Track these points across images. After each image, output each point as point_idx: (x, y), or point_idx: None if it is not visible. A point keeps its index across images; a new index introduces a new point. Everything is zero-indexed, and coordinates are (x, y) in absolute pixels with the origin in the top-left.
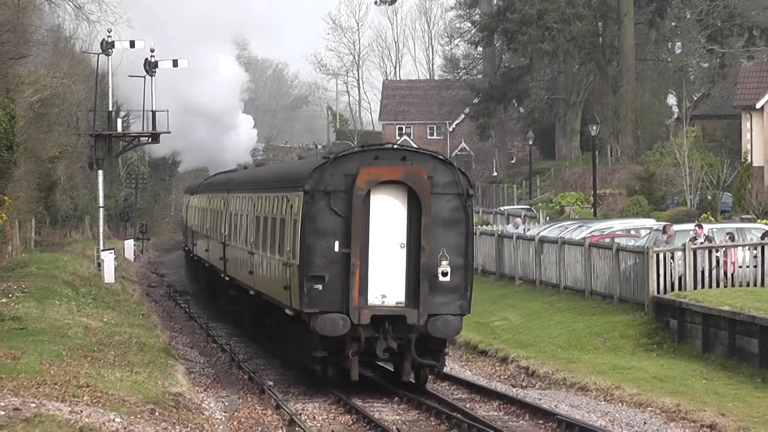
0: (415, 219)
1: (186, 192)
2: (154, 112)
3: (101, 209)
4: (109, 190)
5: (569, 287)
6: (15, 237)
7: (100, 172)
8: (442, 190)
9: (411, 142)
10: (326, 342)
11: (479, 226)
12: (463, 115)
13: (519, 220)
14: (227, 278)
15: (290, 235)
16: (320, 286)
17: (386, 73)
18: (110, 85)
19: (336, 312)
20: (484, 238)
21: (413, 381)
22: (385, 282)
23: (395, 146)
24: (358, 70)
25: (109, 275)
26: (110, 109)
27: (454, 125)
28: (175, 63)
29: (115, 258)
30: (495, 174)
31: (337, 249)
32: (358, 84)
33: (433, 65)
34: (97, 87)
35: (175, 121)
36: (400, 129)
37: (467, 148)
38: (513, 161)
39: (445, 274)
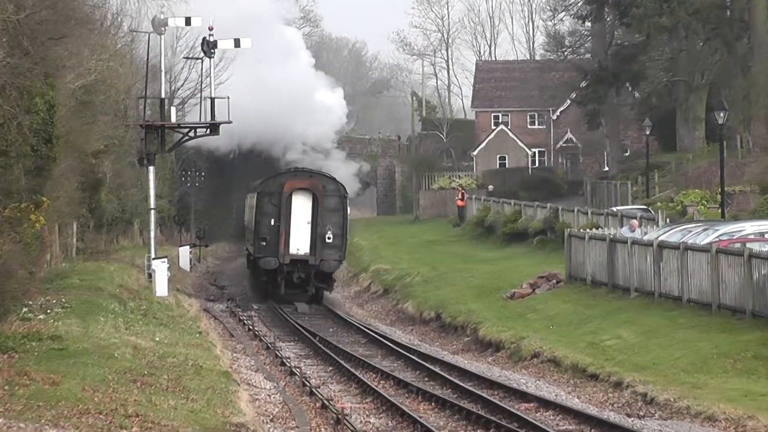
0: (315, 208)
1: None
2: (212, 99)
3: (153, 211)
4: (161, 190)
5: (693, 300)
6: (54, 244)
7: (152, 168)
8: (330, 193)
9: (508, 132)
10: (267, 273)
11: (588, 230)
12: (568, 101)
13: (635, 222)
14: (246, 249)
15: (253, 215)
16: (264, 243)
17: (479, 52)
18: (162, 68)
19: (272, 256)
20: (594, 243)
21: (314, 296)
22: (299, 241)
23: (305, 169)
24: (447, 50)
25: (161, 287)
26: (162, 96)
27: (558, 113)
28: (237, 43)
29: (168, 267)
30: (606, 169)
31: (273, 223)
32: (447, 66)
33: (533, 43)
34: (147, 71)
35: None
36: (496, 117)
37: (573, 138)
38: (627, 154)
39: (329, 238)
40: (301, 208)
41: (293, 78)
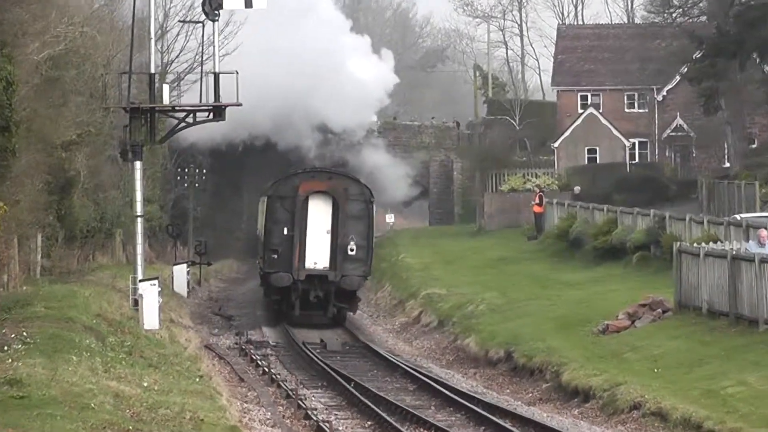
0: (336, 215)
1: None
2: (216, 75)
3: (139, 220)
4: (151, 192)
5: None
6: (13, 261)
7: (138, 164)
8: (353, 197)
9: (600, 117)
10: (279, 291)
11: (704, 244)
12: (678, 77)
13: (765, 233)
14: (257, 264)
15: (264, 223)
16: (276, 256)
17: (562, 14)
18: (152, 35)
19: (285, 272)
20: (711, 261)
21: (335, 318)
22: (316, 254)
23: (324, 169)
24: (520, 11)
25: (151, 318)
26: (152, 70)
27: (664, 92)
28: (248, 2)
29: (160, 292)
30: (727, 165)
31: (286, 233)
32: (521, 31)
33: (632, 2)
34: (133, 38)
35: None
36: (584, 98)
37: (684, 125)
38: (754, 146)
39: (352, 250)
40: (319, 214)
41: (312, 41)
